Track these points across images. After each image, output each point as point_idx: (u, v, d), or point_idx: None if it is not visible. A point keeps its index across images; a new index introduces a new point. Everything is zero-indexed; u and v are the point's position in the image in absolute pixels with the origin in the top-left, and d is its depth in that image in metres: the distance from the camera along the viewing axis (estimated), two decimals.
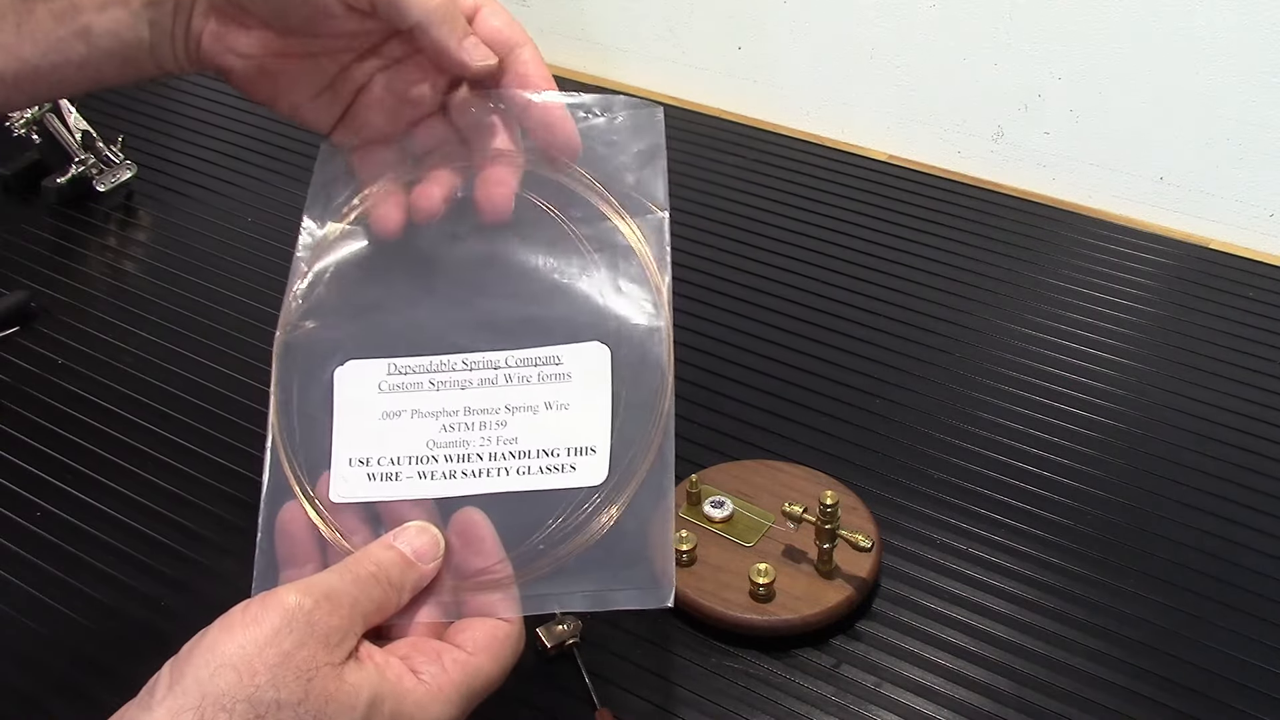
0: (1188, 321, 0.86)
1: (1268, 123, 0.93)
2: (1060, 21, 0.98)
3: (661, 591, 0.52)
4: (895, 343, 0.85)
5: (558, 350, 0.55)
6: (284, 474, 0.54)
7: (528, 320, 0.56)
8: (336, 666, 0.45)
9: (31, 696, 0.64)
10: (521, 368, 0.56)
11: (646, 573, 0.52)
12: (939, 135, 1.07)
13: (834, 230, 0.96)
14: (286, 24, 0.55)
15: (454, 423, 0.55)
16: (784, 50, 1.11)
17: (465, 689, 0.48)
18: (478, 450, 0.54)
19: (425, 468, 0.54)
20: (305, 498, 0.53)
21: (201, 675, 0.43)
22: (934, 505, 0.73)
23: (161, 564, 0.71)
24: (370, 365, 0.56)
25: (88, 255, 0.97)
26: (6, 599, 0.69)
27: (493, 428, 0.55)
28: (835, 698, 0.63)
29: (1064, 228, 0.96)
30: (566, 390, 0.55)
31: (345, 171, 0.59)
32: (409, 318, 0.57)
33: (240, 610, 0.45)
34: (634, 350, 0.55)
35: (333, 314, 0.57)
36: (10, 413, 0.81)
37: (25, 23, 0.54)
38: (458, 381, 0.56)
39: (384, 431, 0.55)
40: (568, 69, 1.21)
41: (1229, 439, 0.77)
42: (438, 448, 0.54)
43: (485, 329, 0.56)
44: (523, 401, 0.55)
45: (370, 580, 0.49)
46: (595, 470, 0.53)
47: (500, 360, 0.56)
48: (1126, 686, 0.63)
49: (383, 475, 0.54)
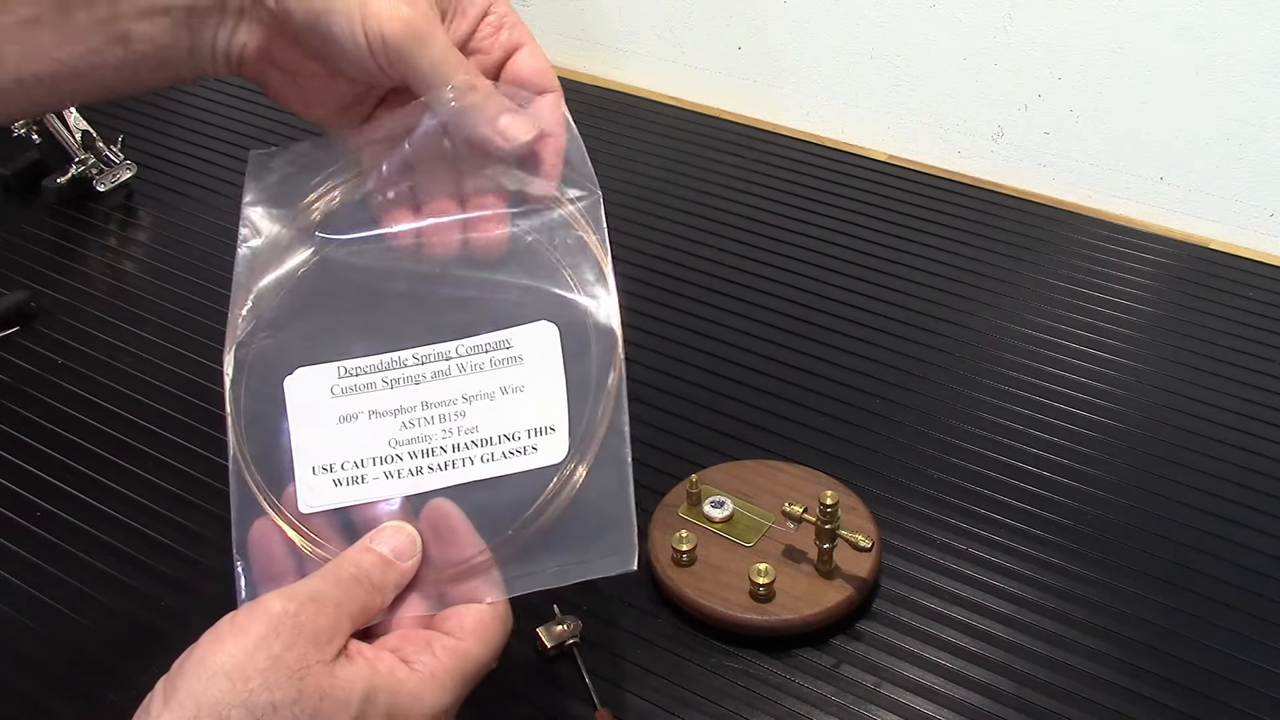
0: (1188, 321, 0.86)
1: (1268, 123, 0.93)
2: (1060, 21, 0.98)
3: (625, 557, 0.53)
4: (895, 343, 0.85)
5: (507, 334, 0.56)
6: (250, 491, 0.54)
7: (470, 307, 0.56)
8: (327, 664, 0.46)
9: (32, 696, 0.64)
10: (473, 355, 0.56)
11: (611, 541, 0.53)
12: (939, 135, 1.07)
13: (834, 230, 0.96)
14: (330, 65, 0.56)
15: (413, 419, 0.55)
16: (784, 50, 1.11)
17: (458, 674, 0.49)
18: (440, 443, 0.55)
19: (390, 467, 0.54)
20: (274, 511, 0.53)
21: (195, 687, 0.43)
22: (934, 505, 0.73)
23: (161, 564, 0.71)
24: (319, 371, 0.56)
25: (88, 255, 0.97)
26: (6, 599, 0.69)
27: (452, 419, 0.55)
28: (835, 698, 0.63)
29: (1064, 228, 0.96)
30: (520, 372, 0.55)
31: (287, 174, 0.59)
32: (355, 319, 0.57)
33: (227, 621, 0.46)
34: (580, 325, 0.55)
35: (276, 325, 0.57)
36: (10, 413, 0.81)
37: (63, 27, 0.53)
38: (411, 377, 0.56)
39: (343, 436, 0.55)
40: (568, 69, 1.21)
41: (1229, 439, 0.77)
42: (400, 445, 0.54)
43: (432, 322, 0.56)
44: (478, 389, 0.55)
45: (352, 582, 0.49)
46: (556, 448, 0.54)
47: (451, 350, 0.56)
48: (1126, 686, 0.63)
49: (349, 479, 0.54)
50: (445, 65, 0.54)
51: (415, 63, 0.54)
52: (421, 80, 0.54)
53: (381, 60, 0.54)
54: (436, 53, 0.54)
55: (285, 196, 0.59)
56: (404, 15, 0.53)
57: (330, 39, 0.53)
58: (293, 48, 0.56)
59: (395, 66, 0.54)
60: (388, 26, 0.53)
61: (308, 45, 0.54)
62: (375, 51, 0.53)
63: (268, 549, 0.52)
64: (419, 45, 0.53)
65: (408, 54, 0.53)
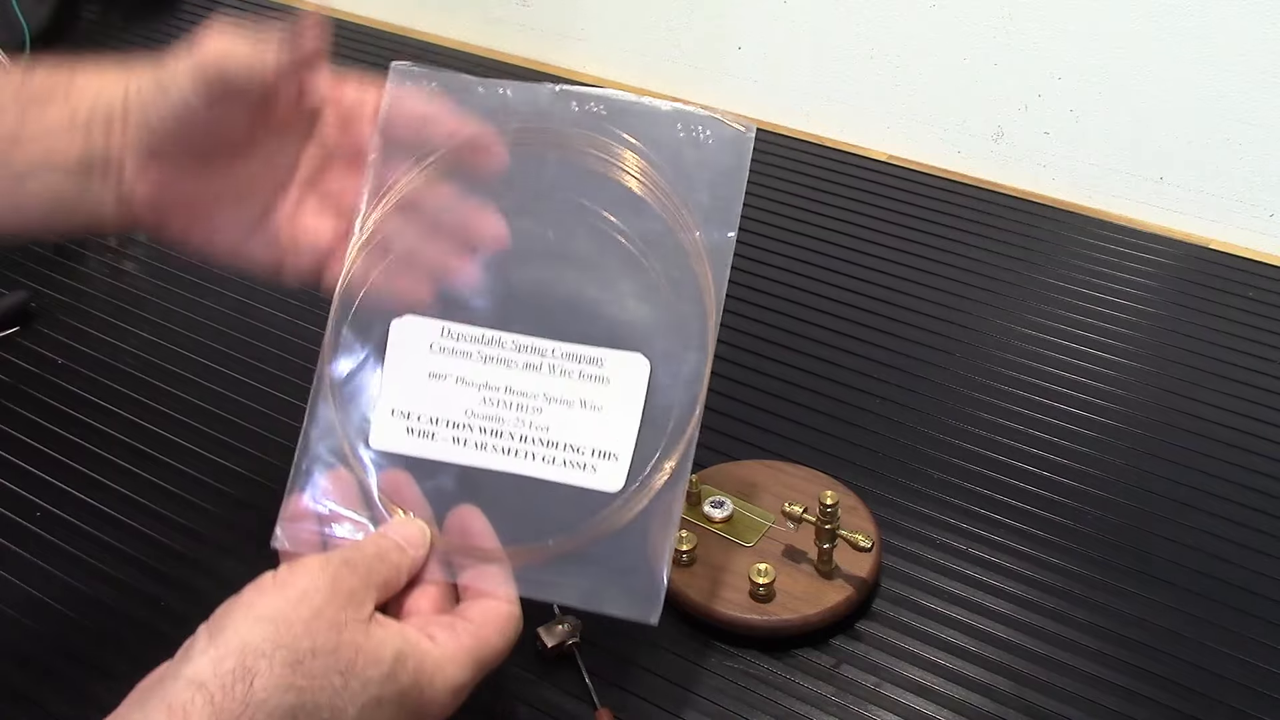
0: (1188, 321, 0.86)
1: (1268, 123, 0.93)
2: (1060, 21, 0.98)
3: (650, 606, 0.54)
4: (895, 343, 0.85)
5: (602, 353, 0.57)
6: (329, 413, 0.57)
7: (578, 314, 0.58)
8: (363, 623, 0.49)
9: (32, 696, 0.64)
10: (565, 361, 0.57)
11: (640, 584, 0.55)
12: (939, 135, 1.07)
13: (834, 230, 0.96)
14: (223, 137, 0.58)
15: (494, 398, 0.57)
16: (784, 50, 1.11)
17: (476, 656, 0.51)
18: (510, 429, 0.57)
19: (460, 434, 0.57)
20: (347, 442, 0.57)
21: (240, 628, 0.46)
22: (934, 505, 0.73)
23: (161, 564, 0.71)
24: (426, 324, 0.58)
25: (87, 255, 0.97)
26: (6, 599, 0.69)
27: (529, 411, 0.57)
28: (835, 698, 0.63)
29: (1064, 228, 0.96)
30: (603, 392, 0.57)
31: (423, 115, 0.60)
32: (470, 278, 0.59)
33: (270, 575, 0.49)
34: (671, 372, 0.57)
35: (396, 263, 0.59)
36: (10, 413, 0.81)
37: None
38: (504, 360, 0.57)
39: (429, 390, 0.57)
40: (568, 69, 1.21)
41: (1229, 439, 0.77)
42: (475, 417, 0.57)
43: (536, 311, 0.58)
44: (560, 394, 0.57)
45: (377, 557, 0.52)
46: (614, 476, 0.55)
47: (548, 349, 0.57)
48: (1127, 686, 0.63)
49: (420, 432, 0.57)
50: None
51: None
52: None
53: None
54: None
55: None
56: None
57: (222, 75, 0.55)
58: (183, 167, 0.58)
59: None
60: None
61: (205, 109, 0.56)
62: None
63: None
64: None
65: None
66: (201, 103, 0.56)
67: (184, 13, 1.28)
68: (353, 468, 0.57)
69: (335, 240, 0.60)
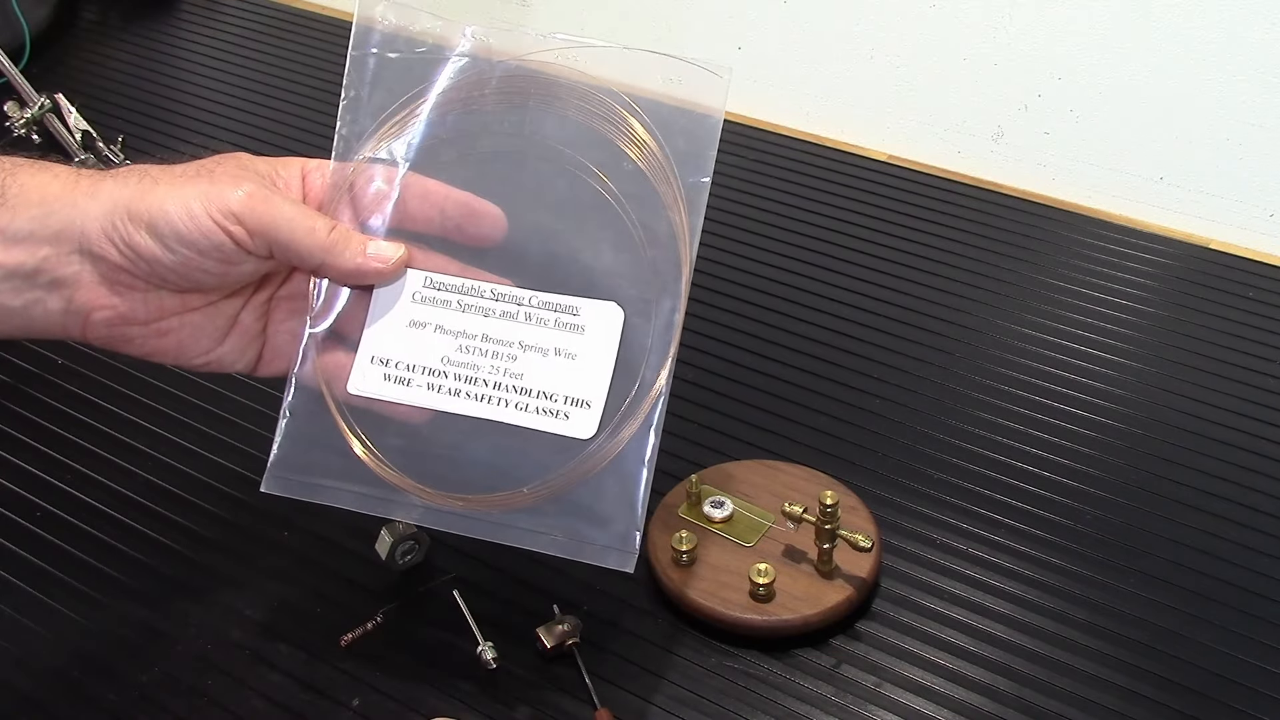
0: (1188, 321, 0.86)
1: (1268, 123, 0.93)
2: (1060, 21, 0.98)
3: (623, 556, 0.56)
4: (895, 343, 0.85)
5: (578, 302, 0.58)
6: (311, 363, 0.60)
7: (555, 262, 0.59)
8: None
9: (31, 696, 0.64)
10: (541, 310, 0.59)
11: (615, 534, 0.56)
12: (939, 135, 1.07)
13: (834, 230, 0.96)
14: (189, 283, 0.57)
15: (470, 345, 0.59)
16: (784, 50, 1.11)
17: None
18: (485, 376, 0.58)
19: (435, 380, 0.58)
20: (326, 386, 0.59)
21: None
22: (934, 505, 0.73)
23: (161, 564, 0.71)
24: (410, 274, 0.60)
25: None
26: (6, 599, 0.69)
27: (503, 359, 0.58)
28: (835, 698, 0.63)
29: (1064, 228, 0.96)
30: (577, 341, 0.58)
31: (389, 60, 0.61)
32: None
33: None
34: (645, 320, 0.58)
35: None
36: (10, 413, 0.81)
37: None
38: (482, 308, 0.59)
39: (408, 338, 0.59)
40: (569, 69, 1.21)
41: (1229, 439, 0.77)
42: (450, 365, 0.58)
43: (513, 259, 0.59)
44: (535, 341, 0.58)
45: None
46: (586, 424, 0.57)
47: (524, 298, 0.59)
48: (1127, 687, 0.63)
49: (396, 379, 0.59)
50: (301, 217, 0.56)
51: (272, 226, 0.56)
52: (282, 240, 0.56)
53: (237, 234, 0.56)
54: (287, 209, 0.56)
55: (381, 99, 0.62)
56: (246, 189, 0.56)
57: (179, 236, 0.55)
58: (144, 290, 0.57)
59: (254, 238, 0.56)
60: (233, 202, 0.56)
61: (157, 256, 0.55)
62: (228, 229, 0.55)
63: None
64: (267, 206, 0.56)
65: (260, 218, 0.56)
66: (212, 255, 0.56)
67: (184, 13, 1.28)
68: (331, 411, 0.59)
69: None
